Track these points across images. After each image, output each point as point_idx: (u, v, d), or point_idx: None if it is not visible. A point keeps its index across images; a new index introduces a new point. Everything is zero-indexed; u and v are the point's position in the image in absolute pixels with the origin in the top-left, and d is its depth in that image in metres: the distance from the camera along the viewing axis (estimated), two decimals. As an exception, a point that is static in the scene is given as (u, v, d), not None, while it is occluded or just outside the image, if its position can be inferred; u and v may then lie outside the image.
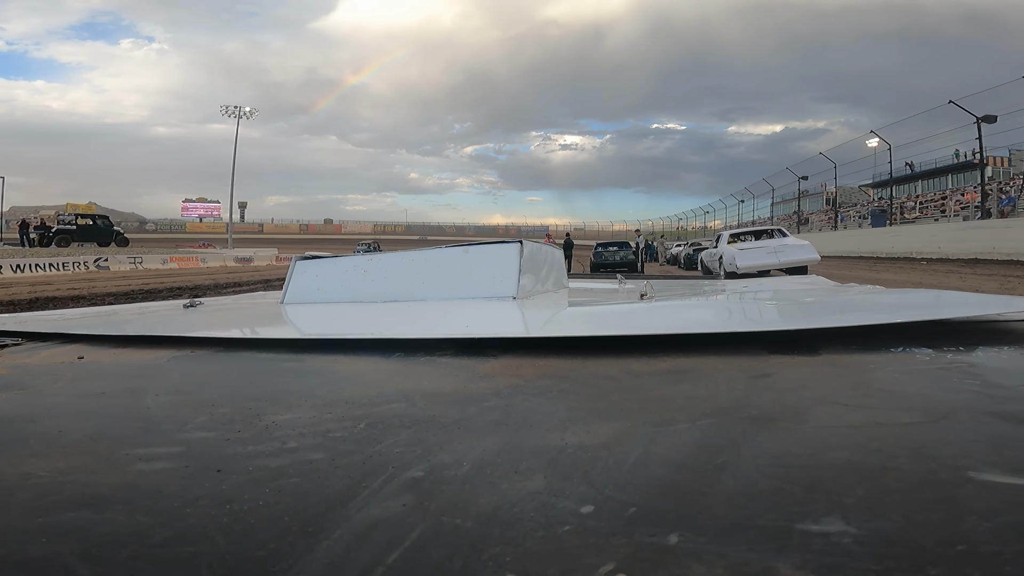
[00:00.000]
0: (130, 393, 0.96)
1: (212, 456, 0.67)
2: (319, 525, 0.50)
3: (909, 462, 0.61)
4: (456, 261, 2.12)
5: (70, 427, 0.79)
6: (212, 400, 0.91)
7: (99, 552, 0.47)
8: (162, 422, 0.81)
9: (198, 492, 0.58)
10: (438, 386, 0.98)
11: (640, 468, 0.61)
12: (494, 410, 0.82)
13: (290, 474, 0.61)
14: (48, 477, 0.62)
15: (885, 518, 0.49)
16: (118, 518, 0.53)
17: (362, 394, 0.93)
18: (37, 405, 0.91)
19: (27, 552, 0.47)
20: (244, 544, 0.48)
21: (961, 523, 0.48)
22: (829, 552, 0.44)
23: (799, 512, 0.50)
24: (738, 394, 0.88)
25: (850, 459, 0.62)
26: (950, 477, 0.57)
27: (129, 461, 0.67)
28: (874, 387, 0.92)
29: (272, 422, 0.78)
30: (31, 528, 0.51)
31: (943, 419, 0.75)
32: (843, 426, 0.73)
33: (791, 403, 0.83)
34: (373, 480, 0.59)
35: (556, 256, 2.83)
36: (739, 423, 0.74)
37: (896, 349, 1.12)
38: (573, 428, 0.74)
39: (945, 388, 0.90)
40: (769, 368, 1.03)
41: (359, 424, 0.77)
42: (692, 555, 0.45)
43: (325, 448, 0.69)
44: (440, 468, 0.62)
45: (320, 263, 2.27)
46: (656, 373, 1.02)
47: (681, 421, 0.75)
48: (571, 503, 0.53)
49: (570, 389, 0.94)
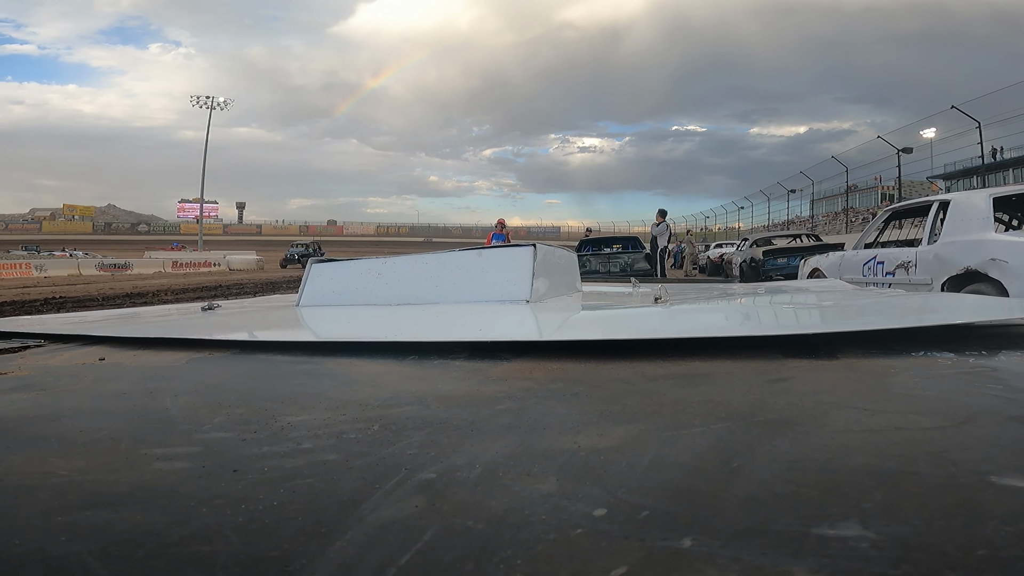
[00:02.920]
0: (149, 394, 0.98)
1: (228, 456, 0.68)
2: (332, 526, 0.51)
3: (929, 466, 0.60)
4: (469, 264, 2.13)
5: (91, 427, 0.81)
6: (229, 401, 0.92)
7: (117, 551, 0.48)
8: (180, 422, 0.82)
9: (214, 492, 0.58)
10: (451, 389, 0.98)
11: (653, 471, 0.61)
12: (507, 413, 0.83)
13: (304, 475, 0.62)
14: (68, 476, 0.63)
15: (904, 522, 0.48)
16: (135, 517, 0.53)
17: (376, 396, 0.93)
18: (59, 405, 0.93)
19: (46, 551, 0.48)
20: (259, 544, 0.49)
21: (981, 528, 0.47)
22: (846, 556, 0.44)
23: (815, 516, 0.50)
24: (754, 398, 0.87)
25: (868, 463, 0.61)
26: (971, 482, 0.56)
27: (148, 461, 0.68)
28: (894, 391, 0.91)
29: (287, 423, 0.79)
30: (50, 527, 0.52)
31: (964, 423, 0.74)
32: (861, 430, 0.72)
33: (808, 407, 0.82)
34: (386, 481, 0.59)
35: (570, 259, 2.83)
36: (754, 427, 0.74)
37: (917, 353, 1.10)
38: (586, 431, 0.74)
39: (967, 392, 0.88)
40: (786, 372, 1.02)
41: (373, 426, 0.77)
42: (705, 559, 0.44)
43: (339, 449, 0.69)
44: (452, 470, 0.62)
45: (335, 266, 2.29)
46: (670, 377, 1.01)
47: (695, 425, 0.75)
48: (583, 506, 0.53)
49: (583, 392, 0.94)
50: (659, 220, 14.29)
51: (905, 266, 5.26)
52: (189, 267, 30.66)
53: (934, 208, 5.20)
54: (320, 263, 2.31)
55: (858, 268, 5.98)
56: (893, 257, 5.52)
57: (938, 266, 4.82)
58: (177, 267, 30.06)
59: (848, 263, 6.27)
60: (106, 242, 44.72)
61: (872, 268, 5.78)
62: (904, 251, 5.45)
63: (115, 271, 26.22)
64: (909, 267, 5.20)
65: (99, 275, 23.79)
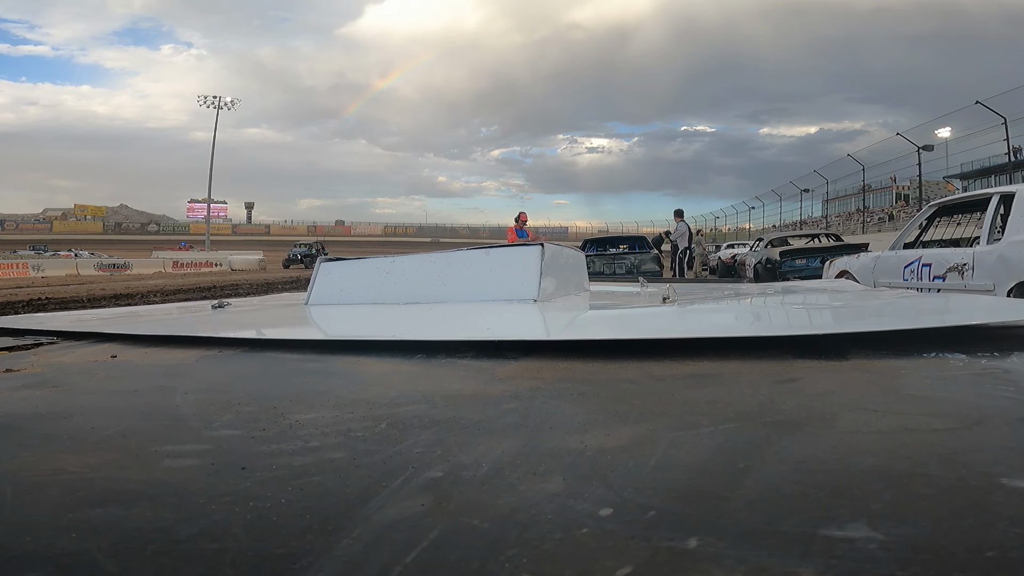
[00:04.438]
0: (160, 391, 0.99)
1: (237, 454, 0.69)
2: (339, 524, 0.51)
3: (939, 468, 0.59)
4: (477, 263, 2.13)
5: (102, 424, 0.82)
6: (238, 399, 0.93)
7: (126, 548, 0.48)
8: (190, 420, 0.83)
9: (223, 489, 0.59)
10: (458, 388, 0.98)
11: (660, 472, 0.61)
12: (514, 412, 0.83)
13: (312, 472, 0.62)
14: (79, 473, 0.64)
15: (913, 524, 0.48)
16: (145, 514, 0.54)
17: (384, 395, 0.94)
18: (71, 402, 0.94)
19: (56, 547, 0.48)
20: (266, 541, 0.49)
21: (991, 529, 0.47)
22: (853, 558, 0.43)
23: (823, 517, 0.49)
24: (762, 399, 0.86)
25: (878, 465, 0.61)
26: (981, 484, 0.56)
27: (157, 458, 0.68)
28: (905, 392, 0.90)
29: (296, 421, 0.79)
30: (61, 524, 0.52)
31: (976, 425, 0.73)
32: (871, 432, 0.72)
33: (817, 408, 0.82)
34: (393, 480, 0.60)
35: (577, 259, 2.82)
36: (763, 428, 0.73)
37: (929, 354, 1.09)
38: (593, 431, 0.73)
39: (978, 394, 0.87)
40: (795, 373, 1.01)
41: (380, 424, 0.78)
42: (711, 559, 0.44)
43: (346, 447, 0.69)
44: (459, 469, 0.62)
45: (343, 265, 2.30)
46: (678, 377, 1.01)
47: (703, 425, 0.75)
48: (589, 505, 0.53)
49: (590, 392, 0.94)
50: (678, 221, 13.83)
51: (959, 269, 4.55)
52: (190, 267, 30.25)
53: (994, 202, 4.48)
54: (329, 262, 2.32)
55: (898, 271, 5.30)
56: (943, 259, 4.76)
57: (1003, 269, 4.17)
58: (178, 267, 29.68)
59: (885, 265, 5.58)
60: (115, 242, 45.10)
61: (916, 271, 5.07)
62: (957, 252, 4.69)
63: (114, 271, 25.99)
64: (964, 270, 4.50)
65: (97, 275, 23.55)
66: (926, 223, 5.79)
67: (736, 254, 18.25)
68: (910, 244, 5.72)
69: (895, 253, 5.66)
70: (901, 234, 5.94)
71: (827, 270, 6.99)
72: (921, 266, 5.05)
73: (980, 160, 29.74)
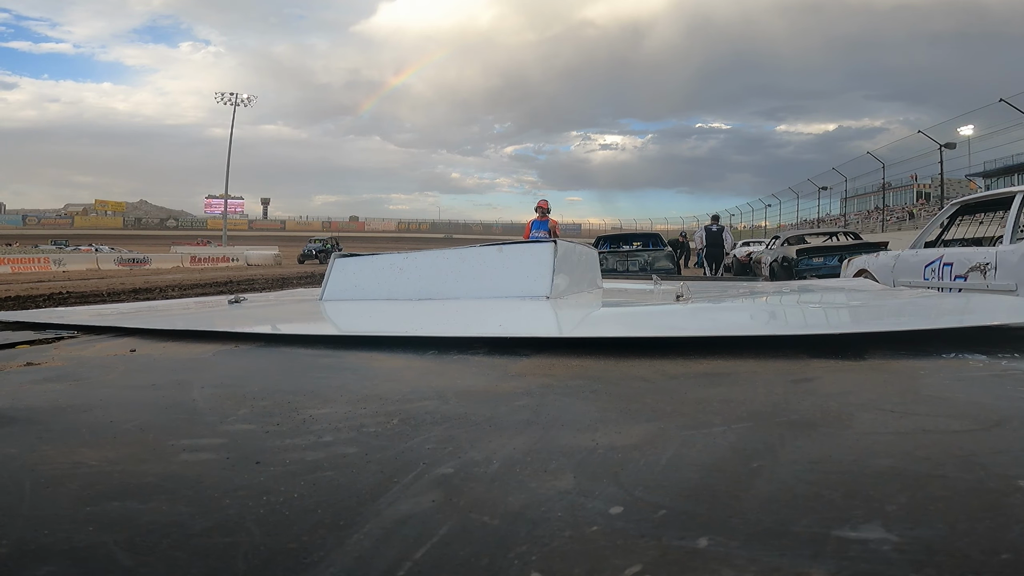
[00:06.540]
0: (178, 385, 1.00)
1: (252, 448, 0.69)
2: (350, 519, 0.51)
3: (956, 470, 0.58)
4: (490, 260, 2.13)
5: (120, 418, 0.83)
6: (253, 393, 0.94)
7: (142, 541, 0.49)
8: (206, 414, 0.84)
9: (237, 483, 0.60)
10: (470, 384, 0.99)
11: (671, 470, 0.60)
12: (525, 409, 0.83)
13: (324, 467, 0.63)
14: (97, 467, 0.65)
15: (928, 526, 0.47)
16: (161, 507, 0.55)
17: (396, 390, 0.94)
18: (91, 396, 0.96)
19: (74, 541, 0.49)
20: (279, 535, 0.49)
21: (1007, 532, 0.46)
22: (866, 559, 0.43)
23: (837, 518, 0.49)
24: (777, 398, 0.86)
25: (894, 466, 0.60)
26: (998, 486, 0.55)
27: (174, 452, 0.69)
28: (923, 393, 0.88)
29: (309, 416, 0.80)
30: (79, 517, 0.53)
31: (995, 427, 0.72)
32: (888, 433, 0.71)
33: (832, 408, 0.81)
34: (404, 476, 0.60)
35: (591, 256, 2.81)
36: (777, 427, 0.72)
37: (948, 355, 1.07)
38: (604, 429, 0.73)
39: (998, 396, 0.86)
40: (810, 372, 1.00)
41: (392, 420, 0.78)
42: (721, 559, 0.44)
43: (359, 443, 0.70)
44: (470, 465, 0.63)
45: (357, 261, 2.32)
46: (691, 375, 1.00)
47: (716, 424, 0.74)
48: (600, 503, 0.53)
49: (602, 390, 0.94)
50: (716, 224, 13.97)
51: (981, 269, 4.48)
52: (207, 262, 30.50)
53: (1017, 200, 4.43)
54: (343, 258, 2.33)
55: (918, 270, 5.20)
56: (965, 258, 4.68)
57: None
58: (195, 262, 29.91)
59: (905, 265, 5.47)
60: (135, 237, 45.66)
61: (937, 271, 4.99)
62: (979, 251, 4.67)
63: (133, 266, 26.09)
64: (987, 270, 4.43)
65: (116, 270, 23.68)
66: (948, 222, 5.67)
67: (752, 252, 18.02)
68: (931, 243, 5.61)
69: (915, 252, 5.55)
70: (922, 233, 5.80)
71: (845, 269, 6.88)
72: (942, 265, 4.96)
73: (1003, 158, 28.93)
